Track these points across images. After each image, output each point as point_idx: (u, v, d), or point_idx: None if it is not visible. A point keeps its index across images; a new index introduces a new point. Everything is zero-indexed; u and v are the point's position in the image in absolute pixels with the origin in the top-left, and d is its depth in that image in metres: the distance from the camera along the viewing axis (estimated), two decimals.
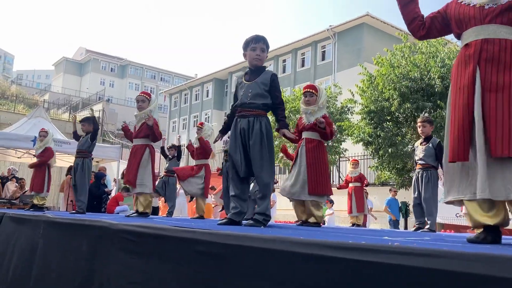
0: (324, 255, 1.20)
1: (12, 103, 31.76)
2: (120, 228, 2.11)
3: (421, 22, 2.35)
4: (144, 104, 5.15)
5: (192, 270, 1.62)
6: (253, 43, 3.36)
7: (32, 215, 3.72)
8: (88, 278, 2.28)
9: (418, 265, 1.02)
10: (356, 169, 9.05)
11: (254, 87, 3.29)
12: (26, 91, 45.21)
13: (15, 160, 13.40)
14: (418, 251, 1.05)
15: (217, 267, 1.51)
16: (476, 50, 2.06)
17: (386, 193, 12.17)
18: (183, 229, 1.75)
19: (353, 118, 15.00)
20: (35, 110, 13.87)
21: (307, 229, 3.36)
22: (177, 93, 43.03)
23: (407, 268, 1.03)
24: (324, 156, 4.45)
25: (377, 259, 1.09)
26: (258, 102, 3.25)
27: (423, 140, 5.65)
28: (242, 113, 3.28)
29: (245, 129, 3.22)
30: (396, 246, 1.13)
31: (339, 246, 1.19)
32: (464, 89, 2.05)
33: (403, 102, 11.65)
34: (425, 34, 2.38)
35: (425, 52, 12.19)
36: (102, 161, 12.69)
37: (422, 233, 4.40)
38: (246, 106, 3.27)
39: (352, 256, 1.14)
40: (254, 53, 3.35)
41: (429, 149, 5.52)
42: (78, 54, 67.86)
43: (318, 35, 28.39)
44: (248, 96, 3.26)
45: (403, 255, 1.06)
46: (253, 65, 3.40)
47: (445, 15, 2.28)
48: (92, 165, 6.94)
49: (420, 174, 5.52)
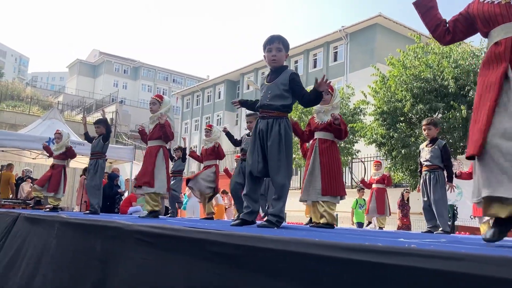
0: (339, 257, 1.19)
1: (27, 104, 32.17)
2: (134, 228, 2.12)
3: (445, 27, 2.30)
4: (155, 106, 5.21)
5: (205, 271, 1.61)
6: (268, 44, 3.33)
7: (46, 216, 3.75)
8: (101, 278, 2.29)
9: (436, 267, 1.00)
10: (379, 171, 8.99)
11: (273, 88, 3.27)
12: (40, 93, 45.80)
13: (30, 161, 13.56)
14: (435, 253, 1.03)
15: (231, 268, 1.51)
16: (507, 48, 2.02)
17: (400, 195, 12.08)
18: (197, 230, 1.75)
19: (365, 119, 14.90)
20: (49, 111, 14.03)
21: (320, 230, 3.34)
22: (189, 95, 43.22)
23: (424, 270, 1.02)
24: (337, 156, 4.41)
25: (394, 261, 1.08)
26: (277, 104, 3.23)
27: (429, 142, 5.61)
28: (262, 114, 3.30)
29: (263, 130, 3.22)
30: (413, 248, 1.11)
31: (355, 248, 1.18)
32: (493, 86, 2.00)
33: (416, 103, 11.55)
34: (450, 39, 2.33)
35: (437, 53, 12.08)
36: (115, 162, 12.78)
37: (437, 235, 4.35)
38: (266, 108, 3.27)
39: (369, 258, 1.12)
40: (270, 54, 3.32)
41: (435, 151, 5.48)
42: (91, 56, 68.52)
43: (330, 35, 28.31)
44: (267, 97, 3.26)
45: (420, 257, 1.05)
46: (272, 66, 3.38)
47: (467, 15, 2.24)
48: (106, 166, 7.01)
49: (427, 176, 5.47)
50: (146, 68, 64.85)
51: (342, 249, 1.20)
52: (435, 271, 0.99)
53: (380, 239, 2.00)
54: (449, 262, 0.99)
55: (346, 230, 4.09)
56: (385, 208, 8.70)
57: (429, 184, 5.43)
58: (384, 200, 8.72)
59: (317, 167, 4.31)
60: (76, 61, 65.46)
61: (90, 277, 2.38)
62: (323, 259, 1.22)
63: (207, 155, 6.84)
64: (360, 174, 16.39)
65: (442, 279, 0.98)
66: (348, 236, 2.14)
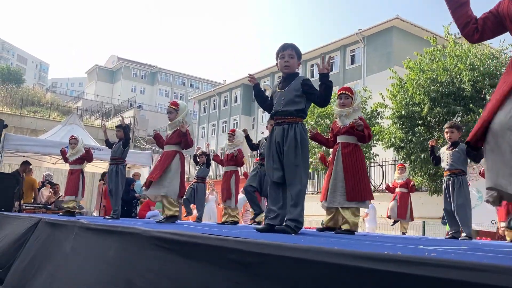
0: (358, 266, 1.18)
1: (47, 110, 32.70)
2: (152, 234, 2.13)
3: (475, 25, 2.25)
4: (172, 115, 5.27)
5: (224, 278, 1.61)
6: (280, 51, 3.42)
7: (66, 221, 3.80)
8: (117, 284, 2.30)
9: (456, 278, 0.98)
10: (402, 174, 8.87)
11: (286, 94, 3.31)
12: (60, 99, 46.54)
13: (50, 166, 13.77)
14: (454, 264, 1.01)
15: (249, 275, 1.50)
16: None
17: (418, 199, 11.94)
18: (215, 237, 1.75)
19: (383, 123, 14.78)
20: (69, 117, 14.23)
21: (341, 237, 3.31)
22: (206, 99, 43.46)
23: (444, 281, 1.00)
24: (361, 160, 4.30)
25: (414, 271, 1.06)
26: (291, 109, 3.25)
27: (450, 146, 5.51)
28: (277, 121, 3.32)
29: (279, 136, 3.24)
30: (432, 258, 1.09)
31: (374, 257, 1.16)
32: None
33: (434, 107, 11.42)
34: (479, 37, 2.28)
35: (454, 56, 11.93)
36: (133, 167, 12.90)
37: (458, 242, 4.27)
38: (280, 114, 3.30)
39: (389, 268, 1.11)
40: (283, 61, 3.39)
41: (457, 154, 5.37)
42: (110, 61, 69.43)
43: (346, 39, 28.20)
44: (281, 104, 3.29)
45: (440, 267, 1.03)
46: (284, 73, 3.43)
47: (497, 14, 2.20)
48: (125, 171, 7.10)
49: (450, 181, 5.37)
50: (163, 73, 65.42)
51: (362, 259, 1.18)
52: (455, 281, 0.98)
53: (399, 246, 1.98)
54: (468, 272, 0.97)
55: (365, 236, 4.04)
56: (407, 213, 8.57)
57: (452, 189, 5.33)
58: (407, 205, 8.58)
59: (340, 172, 4.23)
60: (95, 66, 66.39)
61: (104, 282, 2.40)
62: (343, 268, 1.20)
63: (228, 161, 6.87)
64: (378, 178, 16.24)
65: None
66: (368, 244, 2.12)
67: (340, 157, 4.27)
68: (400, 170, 8.89)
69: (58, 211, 9.48)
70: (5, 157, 10.68)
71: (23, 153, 11.53)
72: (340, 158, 4.27)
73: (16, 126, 22.54)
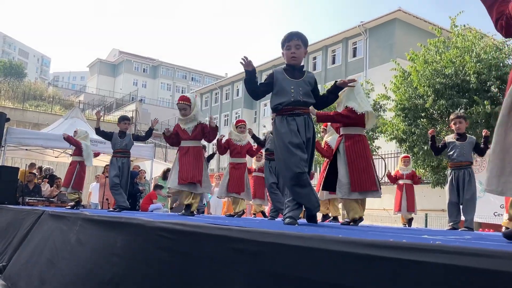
0: (363, 253, 1.17)
1: (49, 104, 32.78)
2: (156, 225, 2.13)
3: (502, 21, 2.21)
4: (186, 111, 5.20)
5: (228, 268, 1.61)
6: (286, 41, 3.30)
7: (70, 213, 3.81)
8: (120, 274, 2.30)
9: (463, 264, 0.98)
10: (407, 166, 8.80)
11: (302, 85, 3.26)
12: (62, 93, 46.58)
13: (53, 160, 13.81)
14: (463, 250, 1.01)
15: (254, 265, 1.51)
16: None
17: (420, 191, 11.93)
18: (219, 227, 1.75)
19: (385, 116, 14.73)
20: (71, 110, 14.24)
21: (345, 227, 3.31)
22: (208, 93, 43.41)
23: (450, 267, 1.00)
24: (364, 150, 4.18)
25: (419, 258, 1.06)
26: (310, 101, 3.28)
27: (459, 137, 5.45)
28: (296, 111, 3.20)
29: (302, 126, 3.20)
30: (438, 244, 1.09)
31: (379, 244, 1.16)
32: None
33: (438, 99, 11.37)
34: (505, 34, 2.23)
35: (459, 47, 11.86)
36: (136, 160, 12.92)
37: (462, 232, 4.27)
38: (301, 104, 3.22)
39: (394, 255, 1.10)
40: (290, 52, 3.28)
41: (467, 146, 5.32)
42: (111, 55, 69.33)
43: (349, 31, 28.09)
44: (299, 94, 3.21)
45: (445, 253, 1.03)
46: (291, 64, 3.32)
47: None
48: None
49: (461, 173, 5.29)
50: (165, 67, 65.33)
51: (365, 246, 1.18)
52: (462, 268, 0.97)
53: (404, 235, 1.98)
54: (478, 259, 0.97)
55: (369, 227, 4.04)
56: (414, 205, 8.54)
57: (462, 181, 5.26)
58: (413, 196, 8.55)
59: (343, 164, 4.15)
60: (96, 60, 66.32)
61: (108, 273, 2.40)
62: (348, 256, 1.20)
63: (242, 153, 6.73)
64: (381, 171, 16.23)
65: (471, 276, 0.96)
66: (371, 233, 2.12)
67: (342, 149, 4.21)
68: (404, 162, 8.82)
69: (61, 204, 9.52)
70: (7, 150, 10.71)
71: (26, 147, 11.56)
72: (342, 150, 4.21)
73: (18, 120, 22.59)
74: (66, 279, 2.87)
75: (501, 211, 9.54)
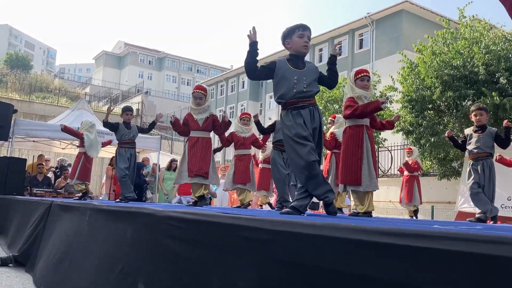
0: (374, 241, 1.17)
1: (56, 96, 32.87)
2: (166, 215, 2.13)
3: None
4: (202, 100, 5.16)
5: (238, 256, 1.62)
6: (300, 30, 3.25)
7: (79, 203, 3.83)
8: (131, 264, 2.32)
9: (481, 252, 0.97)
10: (409, 157, 8.86)
11: (307, 74, 3.23)
12: (68, 85, 46.74)
13: (60, 151, 13.87)
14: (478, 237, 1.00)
15: (264, 253, 1.51)
16: None
17: (427, 183, 11.90)
18: (229, 216, 1.75)
19: (392, 107, 14.67)
20: (77, 102, 14.27)
21: (353, 218, 3.31)
22: (213, 85, 43.36)
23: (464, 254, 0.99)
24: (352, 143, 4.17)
25: (431, 245, 1.05)
26: (314, 90, 3.24)
27: (478, 129, 5.38)
28: (302, 103, 3.18)
29: (308, 118, 3.17)
30: (453, 232, 1.08)
31: (391, 232, 1.16)
32: None
33: (445, 90, 11.30)
34: None
35: (468, 38, 11.75)
36: (142, 152, 12.95)
37: (472, 223, 4.24)
38: (305, 96, 3.19)
39: (407, 242, 1.10)
40: (302, 40, 3.24)
41: (486, 138, 5.23)
42: (117, 47, 69.34)
43: (355, 23, 27.92)
44: (303, 84, 3.18)
45: (463, 241, 1.02)
46: (301, 52, 3.28)
47: None
48: None
49: (480, 165, 5.19)
50: (170, 59, 65.28)
51: (379, 234, 1.18)
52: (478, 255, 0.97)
53: (414, 225, 1.97)
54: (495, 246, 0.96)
55: (377, 218, 4.04)
56: (413, 197, 8.57)
57: (484, 174, 5.17)
58: (412, 188, 8.59)
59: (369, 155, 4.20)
60: (102, 52, 66.36)
61: (119, 263, 2.42)
62: (360, 244, 1.20)
63: (246, 145, 6.74)
64: (387, 163, 16.19)
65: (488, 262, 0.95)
66: (381, 223, 2.12)
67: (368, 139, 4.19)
68: (408, 154, 8.96)
69: (68, 195, 9.57)
70: (15, 142, 10.76)
71: (33, 138, 11.61)
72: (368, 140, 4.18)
73: (25, 112, 22.69)
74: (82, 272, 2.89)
75: (508, 203, 9.49)
